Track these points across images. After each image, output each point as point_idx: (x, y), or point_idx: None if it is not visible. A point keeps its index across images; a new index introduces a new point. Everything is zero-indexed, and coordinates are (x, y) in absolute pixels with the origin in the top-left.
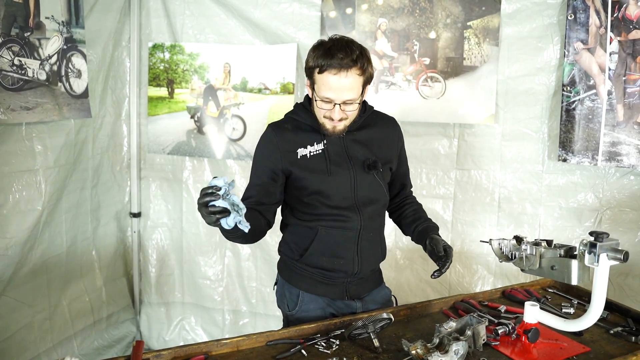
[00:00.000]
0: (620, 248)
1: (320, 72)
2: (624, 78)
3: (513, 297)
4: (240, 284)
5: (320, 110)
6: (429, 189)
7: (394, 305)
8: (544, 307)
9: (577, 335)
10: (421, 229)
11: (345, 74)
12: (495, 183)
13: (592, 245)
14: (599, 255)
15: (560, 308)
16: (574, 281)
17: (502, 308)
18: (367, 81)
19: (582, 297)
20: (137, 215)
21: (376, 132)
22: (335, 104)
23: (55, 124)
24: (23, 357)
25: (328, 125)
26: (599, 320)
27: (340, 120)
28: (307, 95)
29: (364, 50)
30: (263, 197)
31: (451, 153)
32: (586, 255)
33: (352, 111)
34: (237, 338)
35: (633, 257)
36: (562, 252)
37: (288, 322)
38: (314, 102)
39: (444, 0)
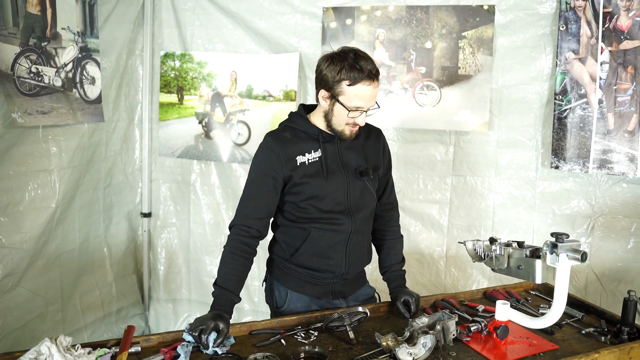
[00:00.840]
0: (580, 249)
1: (351, 84)
2: (614, 87)
3: (493, 298)
4: None
5: (345, 119)
6: (425, 194)
7: (377, 302)
8: (521, 307)
9: (548, 334)
10: (390, 276)
11: (375, 84)
12: (490, 189)
13: (554, 246)
14: (559, 255)
15: (538, 309)
16: (538, 280)
17: (480, 307)
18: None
19: None
20: (147, 215)
21: (366, 140)
22: (363, 111)
23: (70, 127)
24: (36, 345)
25: (348, 132)
26: (574, 321)
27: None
28: (302, 104)
29: None
30: (260, 210)
31: (447, 159)
32: (547, 255)
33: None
34: None
35: (625, 264)
36: (528, 252)
37: (275, 316)
38: (335, 112)
39: (440, 12)
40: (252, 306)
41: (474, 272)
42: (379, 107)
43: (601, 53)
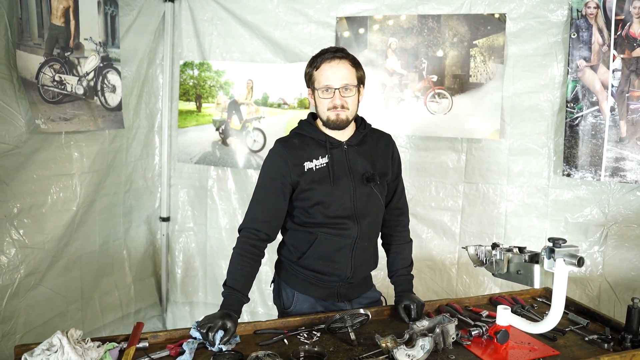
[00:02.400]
0: (577, 254)
1: (317, 68)
2: (627, 95)
3: (499, 304)
4: (258, 287)
5: (324, 102)
6: (437, 202)
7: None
8: (526, 313)
9: (551, 340)
10: (396, 280)
11: (338, 61)
12: (502, 197)
13: (551, 251)
14: (556, 260)
15: (543, 316)
16: (536, 285)
17: (484, 313)
18: (360, 81)
19: (569, 306)
20: (166, 219)
21: (374, 146)
22: (335, 89)
23: (91, 133)
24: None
25: (332, 116)
26: (578, 328)
27: (342, 108)
28: (311, 112)
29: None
30: (268, 214)
31: (459, 167)
32: (545, 260)
33: (351, 97)
34: None
35: (639, 274)
36: (527, 257)
37: (282, 317)
38: (316, 100)
39: (451, 20)
40: (266, 310)
41: (486, 280)
42: (360, 84)
43: (613, 60)
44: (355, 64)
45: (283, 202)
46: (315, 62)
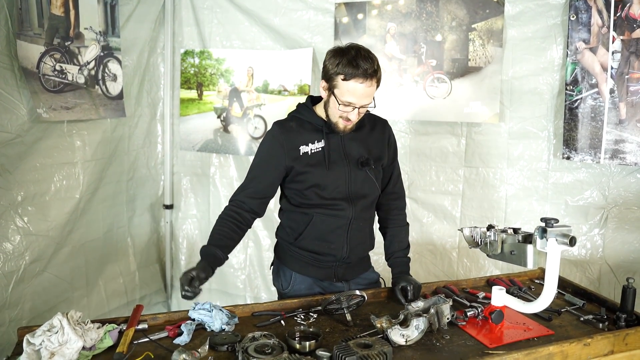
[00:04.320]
0: (569, 234)
1: (345, 79)
2: (626, 76)
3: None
4: (261, 273)
5: (338, 112)
6: (437, 186)
7: (382, 287)
8: (523, 295)
9: (546, 320)
10: (394, 262)
11: (368, 83)
12: (502, 180)
13: (543, 231)
14: (548, 240)
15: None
16: (529, 265)
17: (481, 294)
18: (378, 86)
19: (566, 287)
20: (169, 207)
21: (370, 131)
22: (355, 107)
23: (93, 122)
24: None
25: (341, 125)
26: (574, 308)
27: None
28: (310, 96)
29: (377, 59)
30: (257, 192)
31: (459, 151)
32: (537, 240)
33: (364, 113)
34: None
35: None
36: (520, 237)
37: (281, 299)
38: (331, 103)
39: (449, 4)
40: (270, 295)
41: (486, 263)
42: (375, 106)
43: (612, 42)
44: (379, 77)
45: (274, 182)
46: (346, 70)
